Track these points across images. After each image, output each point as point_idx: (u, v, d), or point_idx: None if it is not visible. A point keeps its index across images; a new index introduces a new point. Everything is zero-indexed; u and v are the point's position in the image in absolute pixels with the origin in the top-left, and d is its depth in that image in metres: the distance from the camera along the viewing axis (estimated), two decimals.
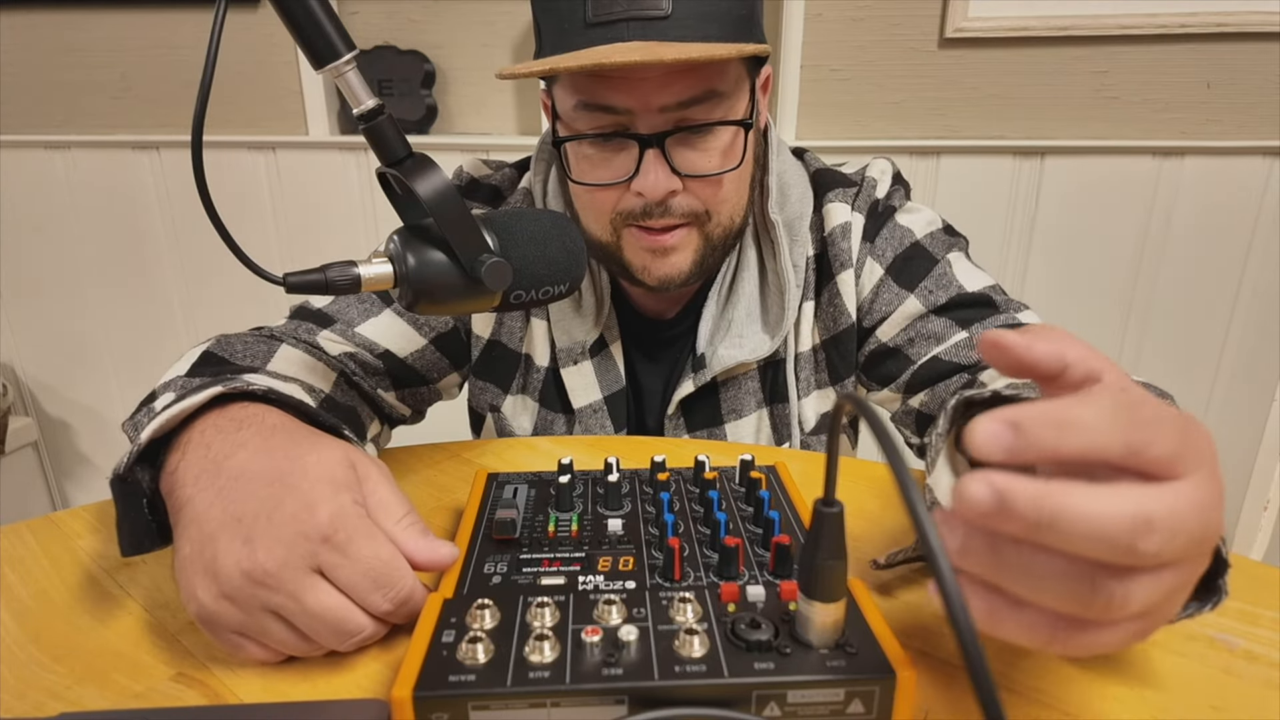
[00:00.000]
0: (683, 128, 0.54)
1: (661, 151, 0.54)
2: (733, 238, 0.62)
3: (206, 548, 0.34)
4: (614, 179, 0.56)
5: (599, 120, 0.55)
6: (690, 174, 0.56)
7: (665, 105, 0.53)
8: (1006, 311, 0.59)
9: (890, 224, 0.64)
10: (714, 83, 0.54)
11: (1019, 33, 1.19)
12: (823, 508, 0.29)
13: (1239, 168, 1.21)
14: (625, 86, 0.53)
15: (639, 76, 0.52)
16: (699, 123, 0.55)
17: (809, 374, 0.66)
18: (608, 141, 0.56)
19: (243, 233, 0.98)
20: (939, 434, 0.40)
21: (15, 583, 0.43)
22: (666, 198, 0.56)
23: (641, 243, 0.59)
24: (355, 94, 0.38)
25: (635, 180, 0.55)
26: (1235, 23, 1.15)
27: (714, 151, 0.56)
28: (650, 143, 0.54)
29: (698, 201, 0.57)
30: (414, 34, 1.34)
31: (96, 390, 1.63)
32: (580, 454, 0.60)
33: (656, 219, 0.57)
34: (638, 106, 0.53)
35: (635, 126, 0.55)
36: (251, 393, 0.43)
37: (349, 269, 0.39)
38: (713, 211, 0.58)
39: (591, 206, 0.60)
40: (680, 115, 0.54)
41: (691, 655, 0.30)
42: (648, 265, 0.60)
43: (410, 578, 0.35)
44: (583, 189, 0.59)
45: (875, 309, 0.63)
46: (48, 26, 1.40)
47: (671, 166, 0.55)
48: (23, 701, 0.34)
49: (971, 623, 0.20)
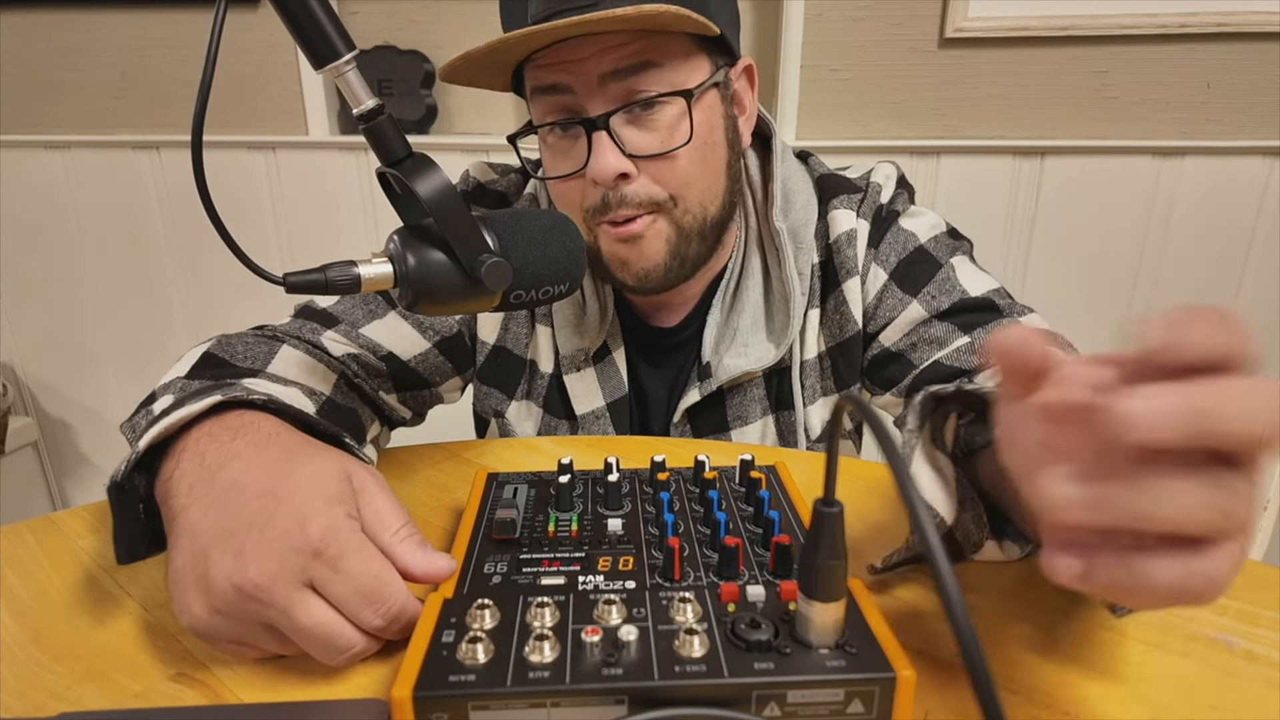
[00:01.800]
0: (627, 106, 0.55)
1: (609, 133, 0.55)
2: (711, 228, 0.61)
3: (199, 561, 0.34)
4: (572, 169, 0.57)
5: (550, 104, 0.56)
6: (639, 154, 0.55)
7: (603, 74, 0.54)
8: (1010, 315, 0.59)
9: (894, 229, 0.64)
10: (651, 54, 0.54)
11: (1019, 33, 1.19)
12: (822, 508, 0.29)
13: (1239, 168, 1.21)
14: (566, 66, 0.54)
15: (579, 56, 0.53)
16: (639, 95, 0.55)
17: (815, 381, 0.66)
18: (566, 132, 0.57)
19: (243, 233, 0.98)
20: (911, 430, 0.40)
21: (15, 583, 0.43)
22: (619, 182, 0.55)
23: (611, 235, 0.58)
24: (355, 94, 0.38)
25: (587, 166, 0.55)
26: (1235, 23, 1.15)
27: (661, 129, 0.56)
28: (595, 124, 0.55)
29: (657, 187, 0.57)
30: (414, 34, 1.34)
31: (96, 390, 1.63)
32: (580, 454, 0.60)
33: (616, 209, 0.57)
34: (577, 83, 0.54)
35: (584, 109, 0.55)
36: (250, 401, 0.43)
37: (349, 269, 0.39)
38: (677, 197, 0.58)
39: (563, 204, 0.60)
40: (623, 89, 0.54)
41: (691, 655, 0.30)
42: (623, 260, 0.59)
43: (402, 593, 0.35)
44: (554, 185, 0.60)
45: (879, 314, 0.63)
46: (48, 26, 1.40)
47: (622, 150, 0.55)
48: (23, 701, 0.34)
49: (971, 622, 0.20)
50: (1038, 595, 0.41)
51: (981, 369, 0.56)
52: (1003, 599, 0.41)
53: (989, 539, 0.42)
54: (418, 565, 0.36)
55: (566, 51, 0.54)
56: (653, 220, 0.58)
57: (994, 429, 0.30)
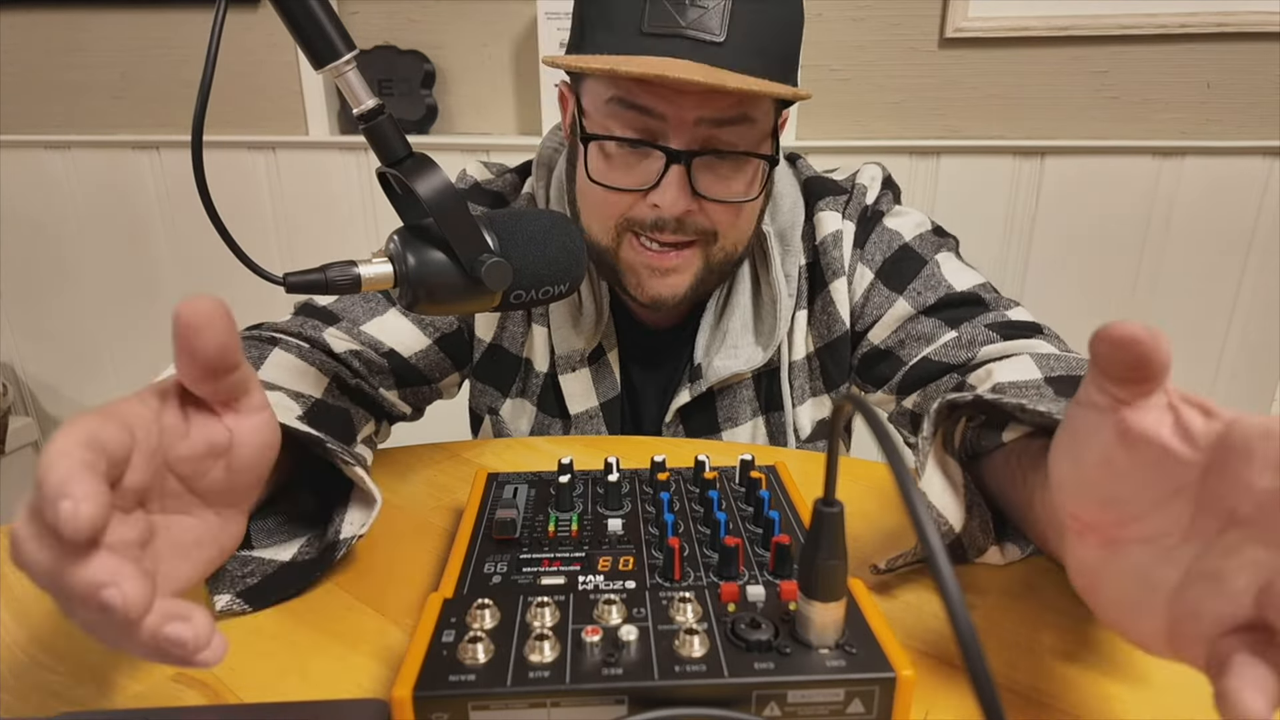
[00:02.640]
0: (710, 150, 0.54)
1: (686, 170, 0.54)
2: (731, 265, 0.62)
3: None
4: (634, 185, 0.56)
5: (630, 119, 0.55)
6: (710, 197, 0.56)
7: (700, 119, 0.53)
8: (996, 309, 0.59)
9: (879, 228, 0.64)
10: (749, 109, 0.54)
11: (1019, 32, 1.19)
12: (823, 507, 0.29)
13: (1239, 168, 1.21)
14: (667, 95, 0.53)
15: (682, 89, 0.52)
16: (727, 148, 0.55)
17: (803, 382, 0.66)
18: (635, 148, 0.55)
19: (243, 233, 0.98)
20: (925, 437, 0.40)
21: (15, 583, 0.43)
22: (681, 216, 0.56)
23: (642, 257, 0.58)
24: (355, 94, 0.38)
25: (654, 192, 0.55)
26: (1235, 23, 1.15)
27: (736, 180, 0.56)
28: (678, 158, 0.54)
29: (710, 223, 0.57)
30: (414, 34, 1.34)
31: (96, 390, 1.63)
32: (580, 454, 0.60)
33: (668, 233, 0.57)
34: (673, 115, 0.53)
35: (666, 136, 0.54)
36: None
37: (349, 269, 0.39)
38: (721, 235, 0.58)
39: (600, 207, 0.59)
40: (710, 134, 0.54)
41: (691, 655, 0.30)
42: (643, 281, 0.59)
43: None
44: (595, 189, 0.58)
45: (867, 313, 0.63)
46: (48, 26, 1.40)
47: (693, 188, 0.55)
48: (23, 702, 0.34)
49: (971, 623, 0.20)
50: (1039, 596, 0.41)
51: (970, 364, 0.56)
52: (1004, 599, 0.41)
53: (991, 544, 0.42)
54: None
55: (677, 84, 0.52)
56: (692, 253, 0.58)
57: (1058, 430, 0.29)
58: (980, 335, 0.56)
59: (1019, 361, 0.51)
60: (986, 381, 0.50)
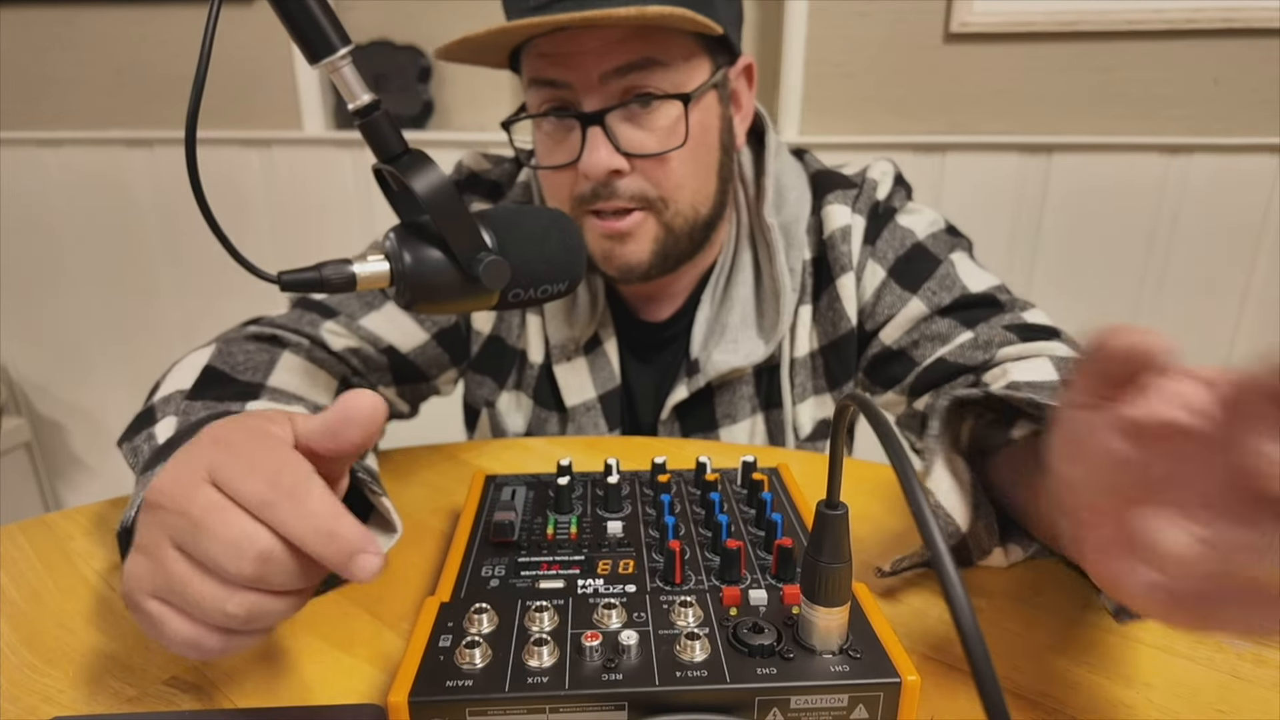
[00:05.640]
0: (618, 104, 0.54)
1: (604, 129, 0.54)
2: (701, 229, 0.61)
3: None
4: (565, 160, 0.57)
5: (546, 95, 0.56)
6: (633, 153, 0.55)
7: (604, 73, 0.53)
8: (1012, 311, 0.58)
9: (891, 225, 0.63)
10: (652, 51, 0.53)
11: (1024, 28, 1.19)
12: (826, 510, 0.28)
13: (1246, 164, 1.21)
14: (566, 61, 0.54)
15: (579, 50, 0.53)
16: (637, 92, 0.54)
17: (805, 379, 0.65)
18: (560, 121, 0.56)
19: (237, 230, 0.97)
20: (934, 435, 0.40)
21: (8, 585, 0.43)
22: (610, 178, 0.55)
23: (598, 229, 0.58)
24: (351, 89, 0.38)
25: (580, 160, 0.55)
26: (1242, 18, 1.14)
27: (658, 130, 0.56)
28: (591, 120, 0.54)
29: (648, 185, 0.57)
30: (410, 29, 1.33)
31: (90, 390, 1.62)
32: (579, 455, 0.60)
33: (605, 201, 0.57)
34: (578, 80, 0.54)
35: (579, 103, 0.55)
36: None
37: (344, 267, 0.39)
38: (668, 198, 0.58)
39: (554, 191, 0.60)
40: (622, 86, 0.54)
41: (693, 660, 0.29)
42: (607, 253, 0.59)
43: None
44: (544, 175, 0.60)
45: (878, 312, 0.62)
46: (40, 22, 1.39)
47: (616, 146, 0.55)
48: (16, 706, 0.34)
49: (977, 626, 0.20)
50: (1043, 599, 0.41)
51: (987, 365, 0.55)
52: (1009, 603, 0.40)
53: (996, 545, 0.41)
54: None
55: (566, 42, 0.53)
56: (643, 219, 0.58)
57: (1051, 434, 0.28)
58: (998, 337, 0.56)
59: (1037, 363, 0.50)
60: (1001, 380, 0.50)
